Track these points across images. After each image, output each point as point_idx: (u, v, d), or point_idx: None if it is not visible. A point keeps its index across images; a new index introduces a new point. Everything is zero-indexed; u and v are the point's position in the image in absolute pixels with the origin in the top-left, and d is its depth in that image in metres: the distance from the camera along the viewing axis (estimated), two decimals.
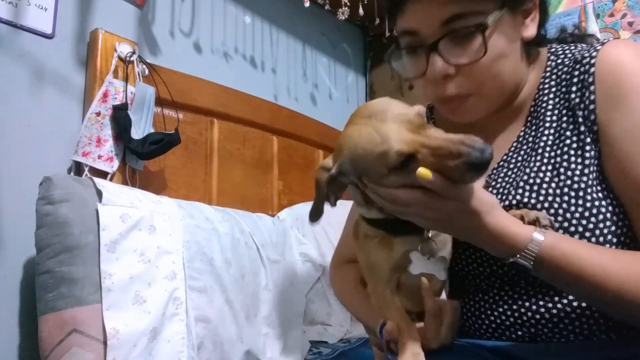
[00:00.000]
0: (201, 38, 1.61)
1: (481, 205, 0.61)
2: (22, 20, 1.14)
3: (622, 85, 0.66)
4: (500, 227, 0.62)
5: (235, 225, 1.30)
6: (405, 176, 0.59)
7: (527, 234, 0.62)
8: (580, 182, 0.68)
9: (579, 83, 0.71)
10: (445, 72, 0.70)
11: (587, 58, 0.71)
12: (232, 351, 1.13)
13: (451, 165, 0.56)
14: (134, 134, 1.21)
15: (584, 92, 0.70)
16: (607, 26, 1.81)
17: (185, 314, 1.03)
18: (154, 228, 1.05)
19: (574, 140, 0.70)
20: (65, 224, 0.94)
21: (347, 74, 2.32)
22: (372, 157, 0.60)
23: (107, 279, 0.93)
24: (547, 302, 0.69)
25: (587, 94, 0.69)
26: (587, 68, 0.70)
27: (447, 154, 0.56)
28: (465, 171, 0.56)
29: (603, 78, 0.68)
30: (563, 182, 0.68)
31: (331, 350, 1.28)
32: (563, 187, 0.68)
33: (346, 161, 0.64)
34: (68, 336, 0.88)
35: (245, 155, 1.63)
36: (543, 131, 0.74)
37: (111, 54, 1.24)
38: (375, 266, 0.71)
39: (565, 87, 0.74)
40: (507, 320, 0.72)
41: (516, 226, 0.62)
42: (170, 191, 1.37)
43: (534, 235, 0.61)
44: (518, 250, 0.61)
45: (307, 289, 1.48)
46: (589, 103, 0.69)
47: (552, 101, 0.75)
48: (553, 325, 0.68)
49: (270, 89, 1.87)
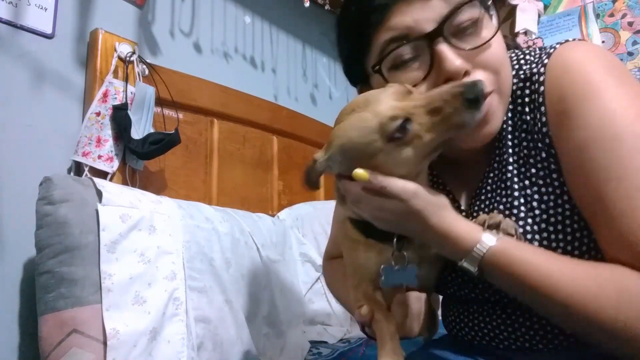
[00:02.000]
0: (201, 38, 1.61)
1: (426, 205, 0.59)
2: (22, 20, 1.14)
3: (566, 100, 0.61)
4: (445, 228, 0.59)
5: (235, 225, 1.30)
6: (403, 148, 0.57)
7: (474, 237, 0.58)
8: (556, 214, 0.63)
9: (531, 104, 0.66)
10: (464, 65, 0.62)
11: (535, 75, 0.65)
12: (232, 351, 1.13)
13: (448, 112, 0.54)
14: (134, 134, 1.21)
15: (536, 114, 0.65)
16: (607, 26, 1.81)
17: (185, 314, 1.03)
18: (154, 228, 1.05)
19: (539, 167, 0.65)
20: (65, 224, 0.94)
21: None
22: (366, 134, 0.58)
23: (107, 279, 0.93)
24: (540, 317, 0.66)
25: (539, 116, 0.64)
26: (537, 87, 0.65)
27: (441, 103, 0.55)
28: (466, 110, 0.54)
29: (550, 96, 0.63)
30: (539, 216, 0.64)
31: (331, 350, 1.28)
32: (540, 222, 0.64)
33: (336, 151, 0.62)
34: (68, 336, 0.88)
35: (245, 155, 1.63)
36: (507, 159, 0.68)
37: (111, 54, 1.24)
38: (362, 267, 0.71)
39: (520, 107, 0.68)
40: (500, 334, 0.70)
41: (463, 228, 0.59)
42: (170, 191, 1.37)
43: (482, 238, 0.58)
44: (463, 253, 0.59)
45: (307, 289, 1.49)
46: (541, 125, 0.64)
47: (510, 121, 0.69)
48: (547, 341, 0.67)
49: (270, 89, 1.87)
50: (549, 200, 0.64)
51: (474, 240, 0.58)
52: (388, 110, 0.57)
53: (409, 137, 0.57)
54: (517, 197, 0.66)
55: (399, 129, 0.56)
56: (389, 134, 0.57)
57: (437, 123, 0.56)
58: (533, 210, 0.64)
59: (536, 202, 0.64)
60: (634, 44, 1.72)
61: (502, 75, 0.65)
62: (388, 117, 0.56)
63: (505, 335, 0.70)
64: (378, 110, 0.58)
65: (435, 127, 0.56)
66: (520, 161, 0.67)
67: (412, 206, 0.58)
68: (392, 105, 0.57)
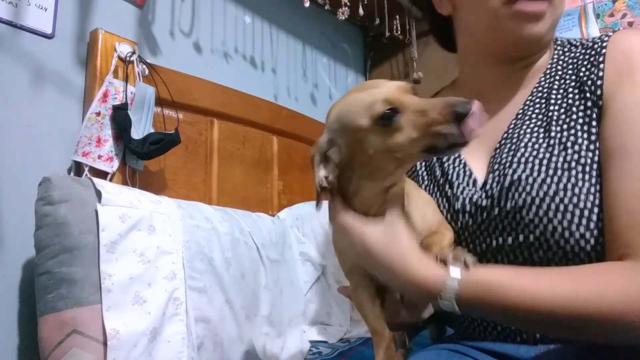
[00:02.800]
0: (201, 38, 1.61)
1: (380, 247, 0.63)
2: (22, 20, 1.14)
3: (632, 61, 0.68)
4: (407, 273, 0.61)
5: (235, 225, 1.30)
6: (385, 136, 0.58)
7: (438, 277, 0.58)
8: (586, 157, 0.67)
9: (589, 63, 0.73)
10: None
11: (598, 42, 0.73)
12: (232, 351, 1.13)
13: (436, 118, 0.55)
14: (134, 134, 1.21)
15: (593, 70, 0.71)
16: (607, 26, 1.80)
17: (185, 314, 1.03)
18: (154, 228, 1.05)
19: (580, 115, 0.70)
20: (65, 224, 0.94)
21: (347, 74, 2.32)
22: (357, 109, 0.60)
23: (107, 280, 0.93)
24: None
25: (596, 71, 0.71)
26: (598, 50, 0.72)
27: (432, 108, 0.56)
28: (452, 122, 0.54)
29: (613, 56, 0.70)
30: (570, 156, 0.68)
31: (331, 350, 1.28)
32: (570, 161, 0.67)
33: (334, 124, 0.64)
34: (68, 337, 0.88)
35: (245, 155, 1.63)
36: (548, 107, 0.74)
37: (111, 54, 1.24)
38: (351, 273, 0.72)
39: (574, 69, 0.75)
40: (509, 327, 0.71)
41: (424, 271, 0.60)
42: (170, 191, 1.37)
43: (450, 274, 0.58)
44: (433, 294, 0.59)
45: (307, 289, 1.49)
46: (596, 79, 0.70)
47: (557, 82, 0.76)
48: None
49: (270, 89, 1.87)
50: (582, 142, 0.68)
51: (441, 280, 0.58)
52: (382, 94, 0.59)
53: (394, 127, 0.58)
54: (553, 137, 0.71)
55: (386, 115, 0.58)
56: (376, 115, 0.58)
57: (422, 124, 0.56)
58: (566, 149, 0.69)
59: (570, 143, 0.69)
60: None
61: None
62: (380, 100, 0.58)
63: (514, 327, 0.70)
64: (374, 92, 0.60)
65: (419, 127, 0.57)
66: (564, 109, 0.73)
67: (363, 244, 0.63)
68: (390, 91, 0.59)
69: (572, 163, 0.67)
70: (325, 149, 0.65)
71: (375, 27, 2.09)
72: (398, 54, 2.28)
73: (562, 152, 0.69)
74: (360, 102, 0.60)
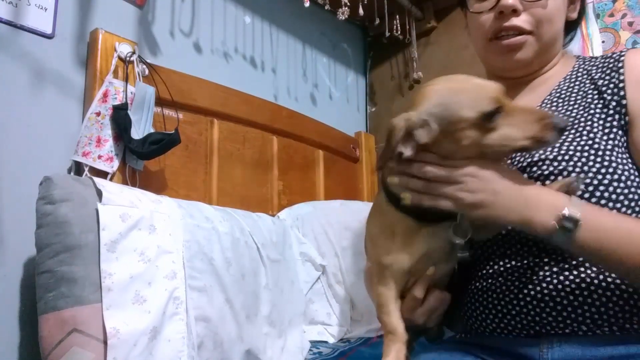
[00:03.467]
0: (201, 38, 1.61)
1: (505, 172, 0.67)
2: (22, 20, 1.14)
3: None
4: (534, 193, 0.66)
5: (235, 224, 1.30)
6: (484, 132, 0.63)
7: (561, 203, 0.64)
8: (600, 143, 0.73)
9: (607, 69, 0.80)
10: (517, 5, 0.81)
11: (616, 54, 0.81)
12: (232, 351, 1.13)
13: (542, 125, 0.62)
14: (134, 134, 1.21)
15: (613, 75, 0.78)
16: (607, 26, 1.80)
17: (186, 313, 1.03)
18: (154, 228, 1.05)
19: (597, 111, 0.77)
20: (65, 223, 0.94)
21: (347, 74, 2.32)
22: (466, 101, 0.63)
23: (107, 279, 0.93)
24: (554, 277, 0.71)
25: (616, 76, 0.77)
26: (617, 57, 0.80)
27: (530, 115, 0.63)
28: (552, 131, 0.62)
29: (633, 64, 0.77)
30: (585, 141, 0.74)
31: (331, 350, 1.28)
32: (584, 145, 0.74)
33: (435, 107, 0.65)
34: (68, 336, 0.88)
35: (245, 155, 1.63)
36: (568, 107, 0.81)
37: (111, 54, 1.25)
38: (388, 266, 0.72)
39: (592, 75, 0.82)
40: (512, 310, 0.73)
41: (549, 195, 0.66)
42: (170, 191, 1.37)
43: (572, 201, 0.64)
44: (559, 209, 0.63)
45: (307, 289, 1.49)
46: (618, 82, 0.77)
47: (578, 86, 0.83)
48: (557, 313, 0.69)
49: (270, 89, 1.87)
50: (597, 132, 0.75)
51: (565, 200, 0.64)
52: (491, 92, 0.63)
53: (493, 125, 0.62)
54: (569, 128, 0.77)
55: (492, 113, 0.62)
56: (483, 111, 0.62)
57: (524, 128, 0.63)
58: (581, 136, 0.75)
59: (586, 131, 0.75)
60: (634, 44, 1.72)
61: (545, 27, 0.82)
62: (489, 97, 0.62)
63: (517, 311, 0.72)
64: (483, 88, 0.64)
65: (520, 129, 0.62)
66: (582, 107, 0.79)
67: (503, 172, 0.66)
68: (495, 91, 0.64)
69: (586, 147, 0.73)
70: (414, 127, 0.65)
71: (375, 27, 2.09)
72: (398, 54, 2.28)
73: (577, 138, 0.75)
74: (468, 94, 0.63)
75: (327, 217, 1.63)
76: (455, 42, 2.10)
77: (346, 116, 2.23)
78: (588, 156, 0.72)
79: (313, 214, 1.65)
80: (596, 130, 0.75)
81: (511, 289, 0.74)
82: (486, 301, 0.77)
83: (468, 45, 2.00)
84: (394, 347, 0.70)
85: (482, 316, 0.78)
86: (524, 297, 0.72)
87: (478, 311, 0.79)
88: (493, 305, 0.76)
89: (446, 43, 2.16)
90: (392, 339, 0.71)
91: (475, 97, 0.62)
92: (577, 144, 0.74)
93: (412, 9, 2.12)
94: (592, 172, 0.71)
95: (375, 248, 0.76)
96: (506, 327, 0.74)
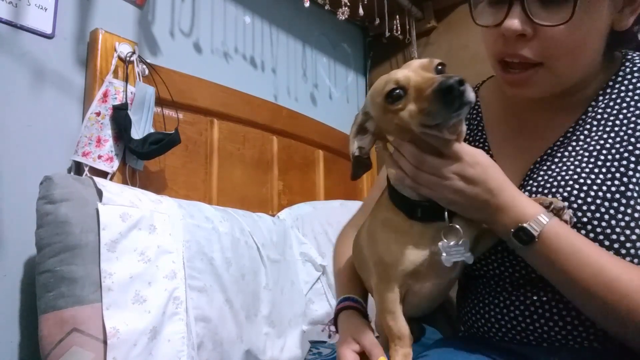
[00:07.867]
0: (201, 38, 1.61)
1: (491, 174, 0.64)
2: (22, 20, 1.14)
3: None
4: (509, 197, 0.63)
5: (235, 224, 1.30)
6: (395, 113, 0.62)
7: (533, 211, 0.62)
8: (633, 190, 0.64)
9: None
10: (522, 30, 0.65)
11: None
12: (232, 351, 1.13)
13: (426, 94, 0.58)
14: (134, 134, 1.21)
15: None
16: None
17: (185, 313, 1.03)
18: (154, 227, 1.05)
19: (637, 147, 0.67)
20: (66, 223, 0.94)
21: (347, 74, 2.32)
22: (378, 88, 0.65)
23: (107, 278, 0.93)
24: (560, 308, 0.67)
25: None
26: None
27: (425, 84, 0.59)
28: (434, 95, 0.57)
29: None
30: (617, 187, 0.64)
31: (331, 350, 1.28)
32: (615, 192, 0.64)
33: (367, 99, 0.69)
34: (68, 335, 0.88)
35: (245, 155, 1.63)
36: (602, 135, 0.70)
37: (111, 54, 1.25)
38: (389, 268, 0.69)
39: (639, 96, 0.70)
40: (518, 326, 0.71)
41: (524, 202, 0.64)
42: (170, 191, 1.37)
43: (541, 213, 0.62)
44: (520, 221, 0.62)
45: (307, 289, 1.49)
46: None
47: (618, 106, 0.70)
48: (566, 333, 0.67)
49: (270, 89, 1.87)
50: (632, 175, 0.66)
51: (534, 214, 0.62)
52: (396, 74, 0.63)
53: (402, 105, 0.62)
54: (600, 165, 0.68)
55: (392, 94, 0.62)
56: (385, 93, 0.63)
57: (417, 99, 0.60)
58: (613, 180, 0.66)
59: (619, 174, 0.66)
60: None
61: (562, 60, 0.67)
62: (392, 80, 0.62)
63: (523, 327, 0.70)
64: (394, 71, 0.64)
65: (416, 104, 0.60)
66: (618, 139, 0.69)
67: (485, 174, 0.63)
68: (404, 74, 0.62)
69: (617, 195, 0.64)
70: (361, 121, 0.70)
71: (375, 27, 2.09)
72: (398, 54, 2.28)
73: (608, 181, 0.65)
74: (381, 81, 0.65)
75: (327, 217, 1.63)
76: (455, 42, 2.10)
77: (346, 116, 2.23)
78: (618, 206, 0.63)
79: (313, 214, 1.65)
80: (631, 173, 0.64)
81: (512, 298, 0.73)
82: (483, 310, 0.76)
83: (468, 45, 2.01)
84: (400, 352, 0.69)
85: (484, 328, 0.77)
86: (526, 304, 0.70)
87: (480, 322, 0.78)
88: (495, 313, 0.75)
89: (446, 43, 2.16)
90: (400, 344, 0.69)
91: (384, 82, 0.64)
92: (607, 189, 0.65)
93: (412, 9, 2.12)
94: (620, 225, 0.63)
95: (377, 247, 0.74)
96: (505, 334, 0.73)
